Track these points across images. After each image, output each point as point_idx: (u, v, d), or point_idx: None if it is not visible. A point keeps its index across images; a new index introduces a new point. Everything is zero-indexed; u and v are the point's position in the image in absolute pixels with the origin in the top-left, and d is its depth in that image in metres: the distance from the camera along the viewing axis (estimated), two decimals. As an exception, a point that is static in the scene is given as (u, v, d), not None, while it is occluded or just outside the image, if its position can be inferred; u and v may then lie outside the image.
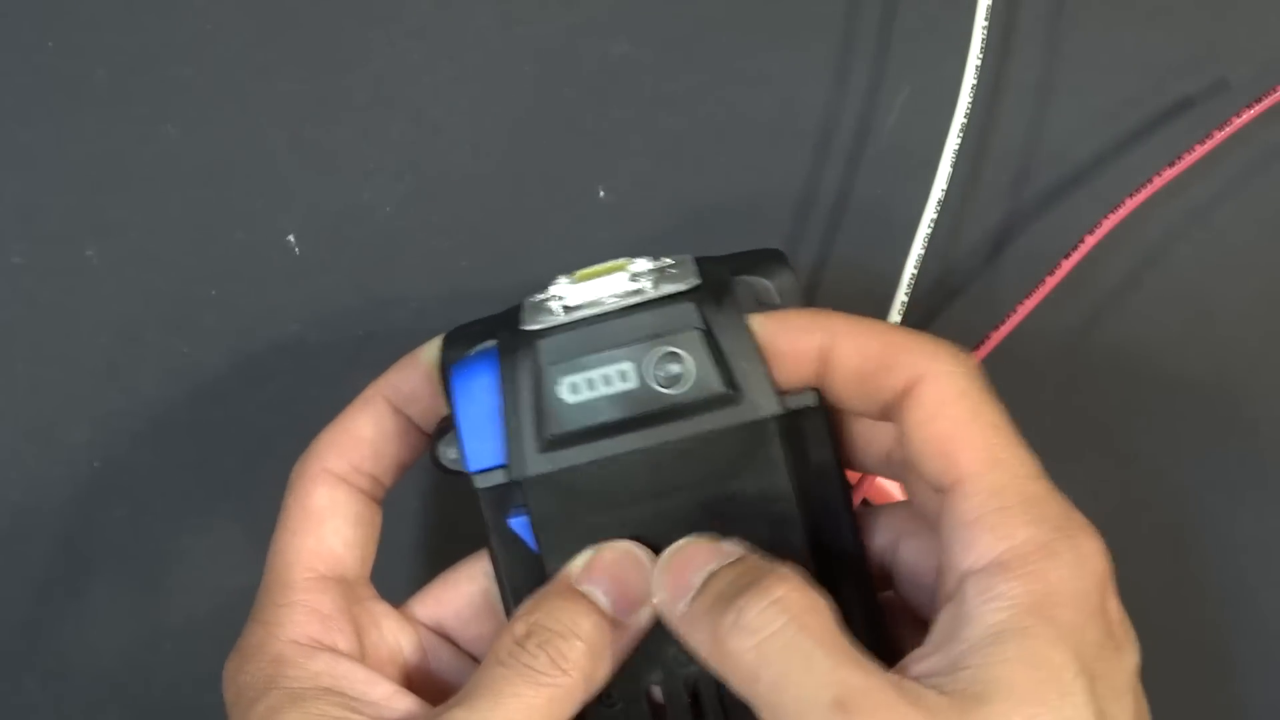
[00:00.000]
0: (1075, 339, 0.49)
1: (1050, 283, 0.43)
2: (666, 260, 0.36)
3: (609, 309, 0.35)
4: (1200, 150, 0.44)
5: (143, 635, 0.47)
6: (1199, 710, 0.49)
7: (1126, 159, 0.49)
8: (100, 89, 0.48)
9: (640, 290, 0.35)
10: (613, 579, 0.34)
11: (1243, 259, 0.49)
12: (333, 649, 0.36)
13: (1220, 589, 0.49)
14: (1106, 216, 0.44)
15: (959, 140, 0.45)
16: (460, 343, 0.37)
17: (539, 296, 0.36)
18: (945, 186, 0.45)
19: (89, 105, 0.48)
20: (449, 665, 0.38)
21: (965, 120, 0.45)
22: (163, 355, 0.48)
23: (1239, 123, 0.44)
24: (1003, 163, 0.49)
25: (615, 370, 0.34)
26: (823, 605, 0.31)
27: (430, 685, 0.38)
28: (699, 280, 0.35)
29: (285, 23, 0.49)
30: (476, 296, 0.48)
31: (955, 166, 0.45)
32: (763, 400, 0.34)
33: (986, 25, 0.45)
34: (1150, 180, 0.44)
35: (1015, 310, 0.43)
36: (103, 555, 0.47)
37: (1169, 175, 0.44)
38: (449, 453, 0.36)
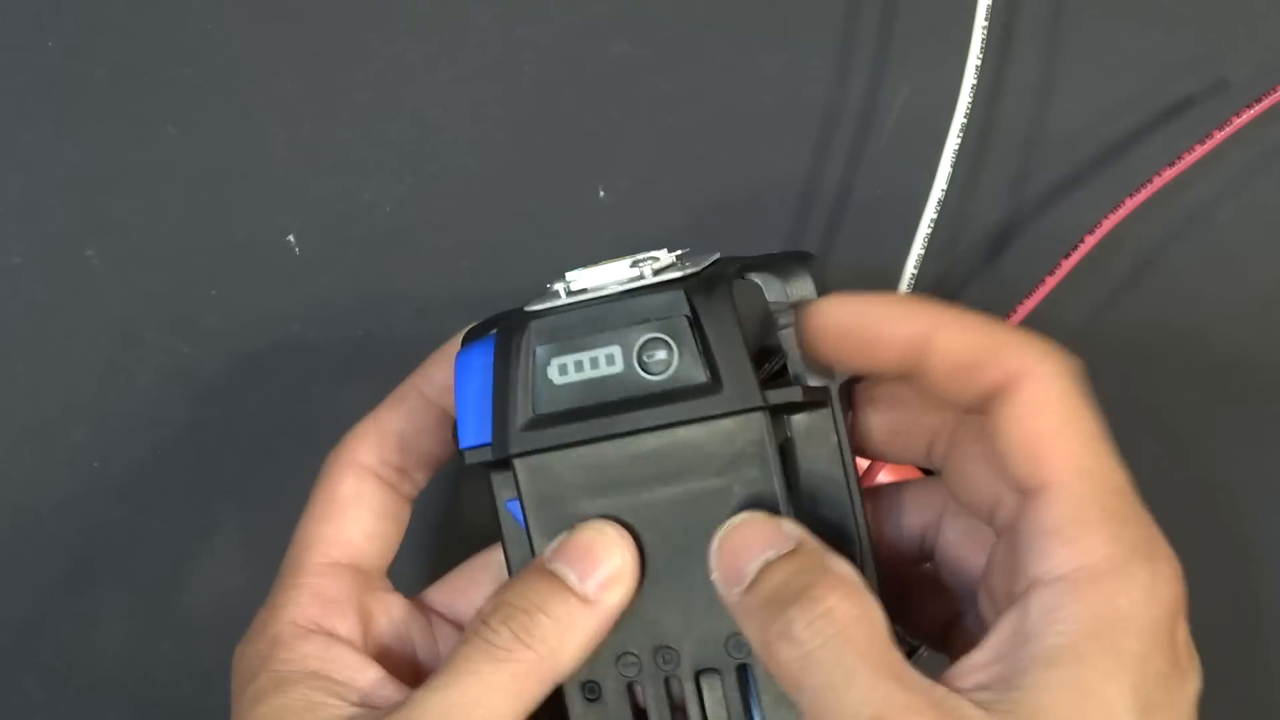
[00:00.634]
0: (1075, 339, 0.49)
1: (1050, 283, 0.43)
2: (685, 255, 0.36)
3: (607, 294, 0.35)
4: (1200, 150, 0.44)
5: (143, 635, 0.47)
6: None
7: (1126, 159, 0.49)
8: (100, 89, 0.48)
9: (640, 276, 0.35)
10: (583, 558, 0.34)
11: (1243, 259, 0.49)
12: (330, 633, 0.36)
13: (1222, 587, 0.49)
14: (1106, 216, 0.44)
15: (959, 140, 0.45)
16: (482, 328, 0.37)
17: (553, 284, 0.36)
18: (945, 186, 0.45)
19: (89, 105, 0.48)
20: None
21: (965, 120, 0.45)
22: (163, 355, 0.48)
23: (1239, 123, 0.44)
24: (1003, 163, 0.49)
25: (603, 354, 0.34)
26: (872, 615, 0.31)
27: None
28: (698, 271, 0.35)
29: (285, 23, 0.49)
30: (476, 296, 0.48)
31: (955, 166, 0.45)
32: (742, 393, 0.33)
33: (986, 25, 0.45)
34: (1150, 180, 0.44)
35: (1015, 310, 0.43)
36: (103, 555, 0.47)
37: (1169, 175, 0.44)
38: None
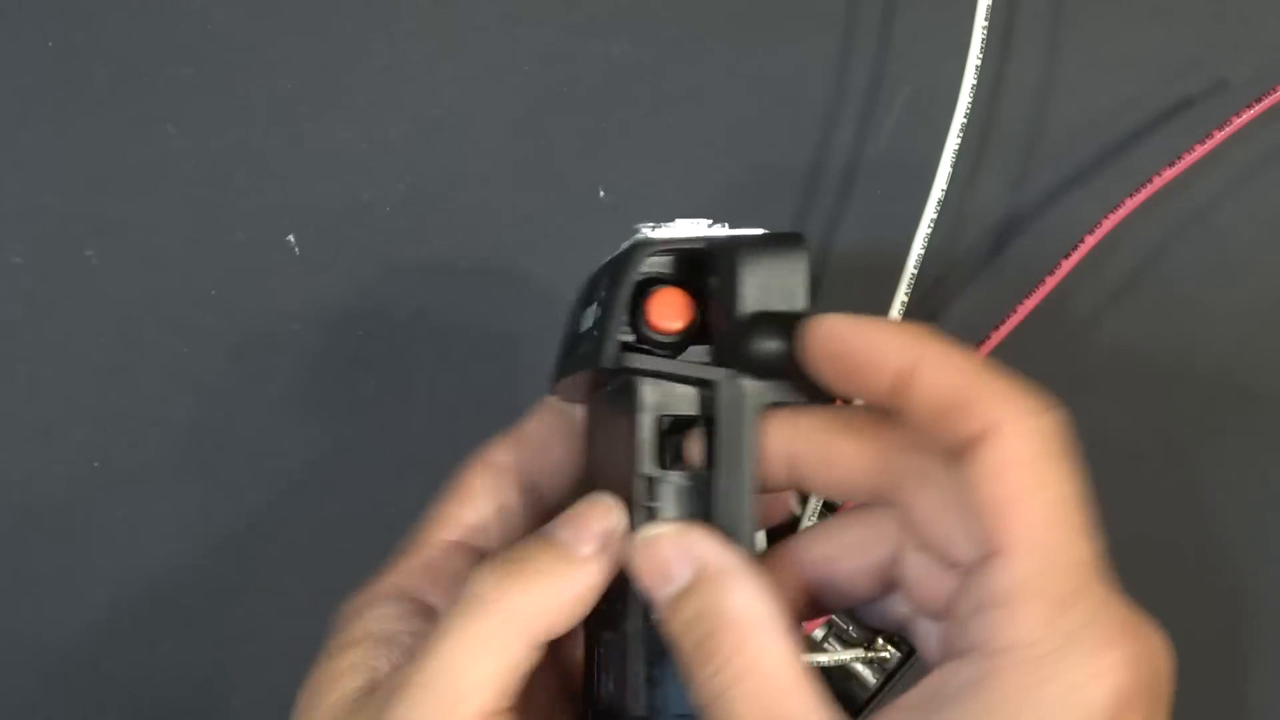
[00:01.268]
0: (1075, 339, 0.49)
1: (1050, 283, 0.43)
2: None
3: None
4: (1200, 150, 0.44)
5: (142, 635, 0.47)
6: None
7: (1126, 159, 0.49)
8: (100, 89, 0.48)
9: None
10: (576, 522, 0.33)
11: (1243, 259, 0.49)
12: (423, 603, 0.35)
13: (1223, 584, 0.49)
14: (1106, 216, 0.44)
15: (959, 140, 0.45)
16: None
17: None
18: (945, 186, 0.45)
19: (89, 105, 0.48)
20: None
21: (965, 120, 0.45)
22: (163, 355, 0.48)
23: (1239, 123, 0.44)
24: (1003, 163, 0.49)
25: (590, 310, 0.35)
26: (768, 662, 0.30)
27: None
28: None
29: (285, 23, 0.49)
30: (476, 296, 0.48)
31: (955, 166, 0.45)
32: (606, 350, 0.33)
33: (986, 25, 0.45)
34: (1150, 180, 0.44)
35: (1015, 310, 0.43)
36: (103, 556, 0.47)
37: (1169, 175, 0.44)
38: None
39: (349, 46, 0.49)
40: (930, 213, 0.45)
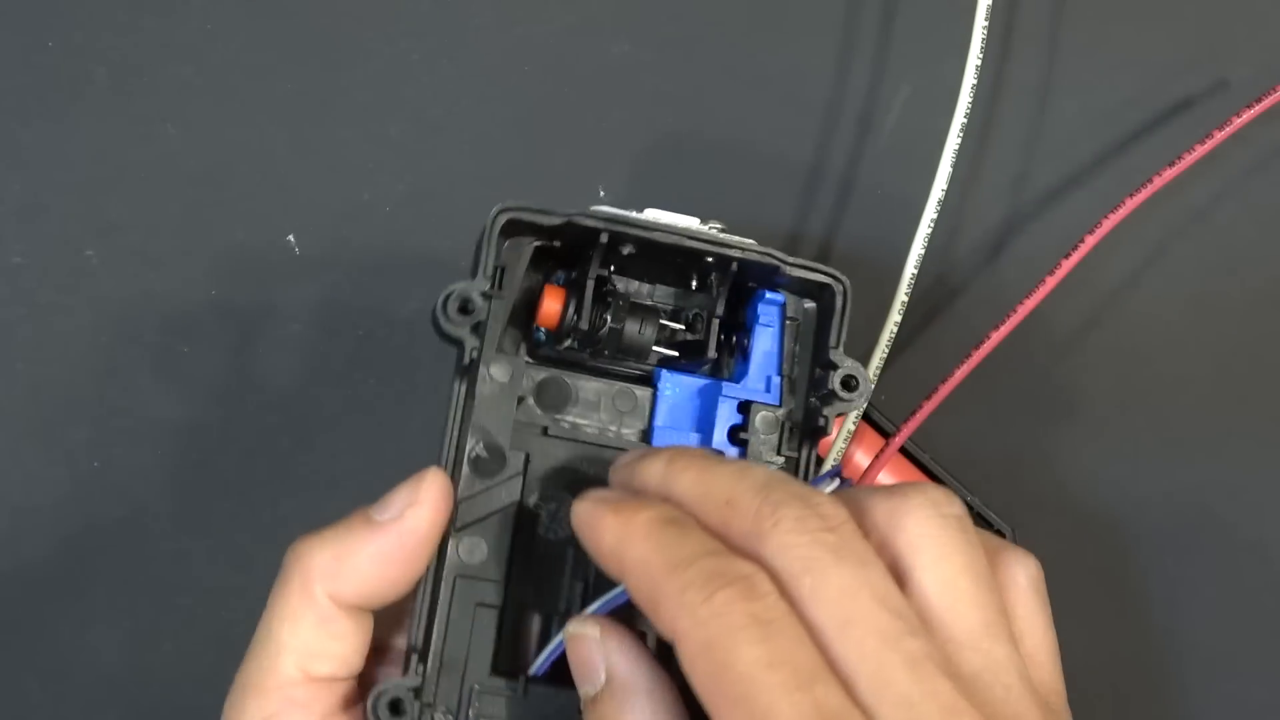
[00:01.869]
0: (1075, 339, 0.49)
1: (1050, 283, 0.43)
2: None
3: None
4: (1200, 150, 0.44)
5: (143, 635, 0.47)
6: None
7: (1126, 159, 0.49)
8: (100, 89, 0.48)
9: None
10: (389, 494, 0.36)
11: (1243, 259, 0.49)
12: None
13: (1223, 583, 0.49)
14: (1106, 216, 0.44)
15: (959, 140, 0.45)
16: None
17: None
18: (945, 186, 0.45)
19: (89, 105, 0.48)
20: None
21: (965, 120, 0.45)
22: (163, 355, 0.48)
23: (1239, 123, 0.44)
24: (1003, 163, 0.49)
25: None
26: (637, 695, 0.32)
27: None
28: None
29: (285, 23, 0.49)
30: (476, 296, 0.48)
31: (955, 166, 0.45)
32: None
33: (986, 25, 0.45)
34: (1150, 180, 0.44)
35: (1015, 310, 0.43)
36: (103, 555, 0.47)
37: (1169, 175, 0.44)
38: None
39: (349, 46, 0.49)
40: (930, 213, 0.44)
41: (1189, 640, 0.49)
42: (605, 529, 0.32)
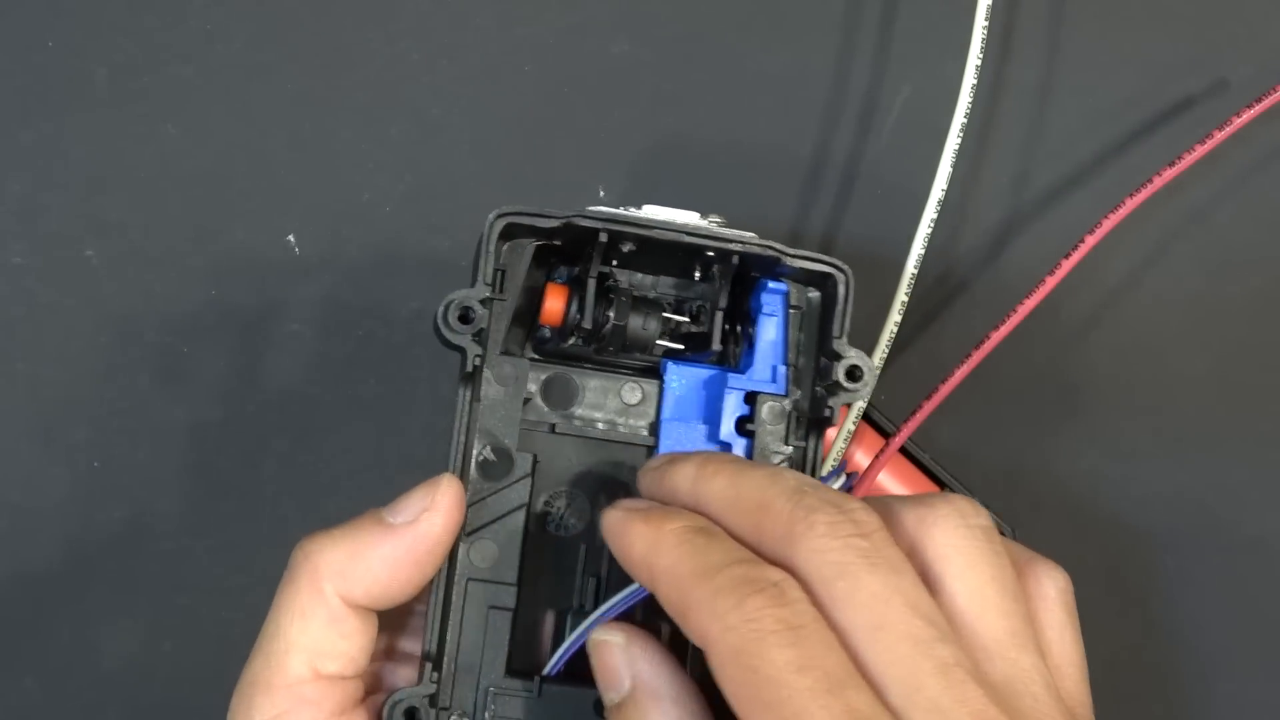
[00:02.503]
0: (1075, 339, 0.49)
1: (1050, 283, 0.43)
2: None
3: None
4: (1200, 150, 0.44)
5: (143, 635, 0.47)
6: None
7: (1126, 159, 0.49)
8: (100, 89, 0.48)
9: None
10: (403, 497, 0.36)
11: (1243, 259, 0.49)
12: None
13: (1222, 583, 0.49)
14: (1106, 216, 0.44)
15: (959, 140, 0.45)
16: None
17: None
18: (945, 186, 0.45)
19: (89, 105, 0.48)
20: None
21: (965, 120, 0.45)
22: (163, 355, 0.48)
23: (1239, 123, 0.44)
24: (1003, 163, 0.49)
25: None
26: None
27: None
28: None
29: (285, 23, 0.49)
30: (476, 296, 0.48)
31: (955, 166, 0.45)
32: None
33: (986, 25, 0.45)
34: (1150, 180, 0.44)
35: (1015, 310, 0.43)
36: (103, 555, 0.47)
37: (1169, 175, 0.44)
38: None
39: (349, 46, 0.49)
40: (930, 213, 0.44)
41: (1189, 640, 0.49)
42: (636, 537, 0.32)
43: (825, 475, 0.34)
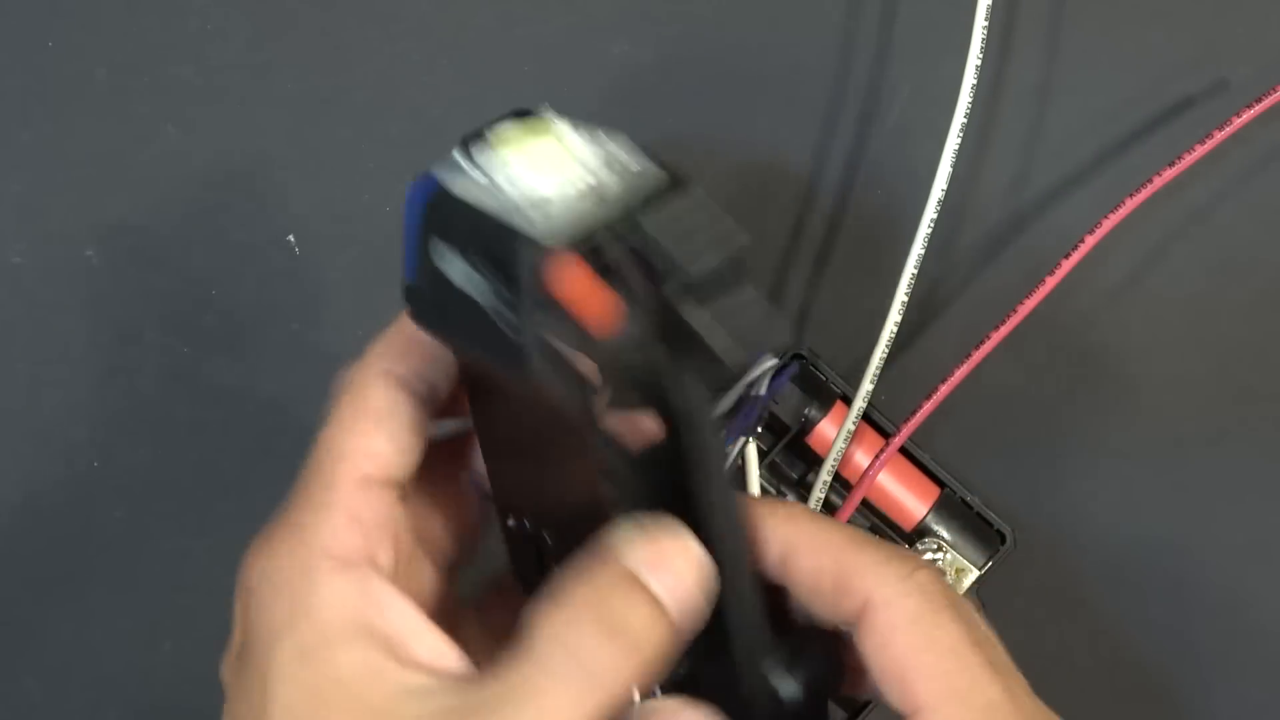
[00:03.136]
0: (1075, 339, 0.49)
1: (1050, 283, 0.43)
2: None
3: None
4: (1200, 150, 0.44)
5: (143, 635, 0.47)
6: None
7: (1126, 159, 0.49)
8: (100, 89, 0.48)
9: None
10: (665, 565, 0.30)
11: (1243, 259, 0.49)
12: (371, 569, 0.31)
13: (1223, 583, 0.49)
14: (1106, 216, 0.44)
15: (959, 140, 0.45)
16: None
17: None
18: (945, 186, 0.45)
19: (89, 105, 0.48)
20: None
21: (965, 120, 0.45)
22: (163, 355, 0.48)
23: (1239, 123, 0.44)
24: (1003, 163, 0.49)
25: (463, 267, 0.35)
26: None
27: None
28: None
29: (285, 23, 0.49)
30: (476, 296, 0.48)
31: (955, 166, 0.45)
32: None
33: (986, 25, 0.45)
34: (1150, 180, 0.44)
35: (1015, 310, 0.43)
36: (103, 555, 0.47)
37: (1169, 175, 0.44)
38: None
39: (349, 46, 0.49)
40: (930, 213, 0.44)
41: (1189, 640, 0.49)
42: (778, 512, 0.32)
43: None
